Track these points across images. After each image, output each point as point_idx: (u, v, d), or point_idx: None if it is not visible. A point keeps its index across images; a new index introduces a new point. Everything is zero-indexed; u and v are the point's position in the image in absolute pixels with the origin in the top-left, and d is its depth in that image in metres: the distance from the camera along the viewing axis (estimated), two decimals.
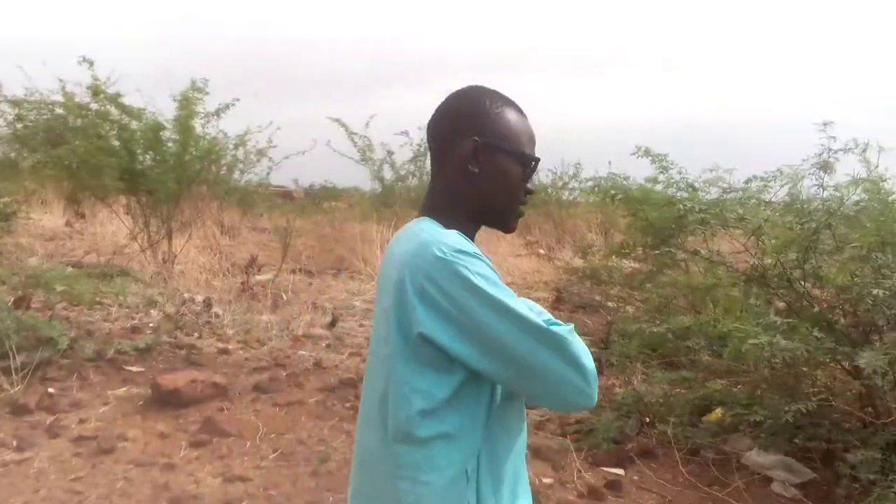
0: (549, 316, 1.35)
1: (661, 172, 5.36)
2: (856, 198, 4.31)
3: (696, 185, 5.45)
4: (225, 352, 6.57)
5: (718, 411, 4.71)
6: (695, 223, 4.43)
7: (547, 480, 4.07)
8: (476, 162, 1.38)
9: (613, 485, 4.01)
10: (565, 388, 1.25)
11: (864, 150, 4.17)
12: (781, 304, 4.44)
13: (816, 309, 4.01)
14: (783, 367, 4.26)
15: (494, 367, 1.25)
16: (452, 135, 1.41)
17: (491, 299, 1.22)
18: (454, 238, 1.28)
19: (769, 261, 4.21)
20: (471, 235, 1.39)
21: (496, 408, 1.31)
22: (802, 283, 4.11)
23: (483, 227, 1.47)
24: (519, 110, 1.45)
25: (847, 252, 3.78)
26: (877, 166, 4.17)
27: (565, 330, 1.25)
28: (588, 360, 1.25)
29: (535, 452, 4.35)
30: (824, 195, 4.16)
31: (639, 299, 6.45)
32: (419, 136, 13.98)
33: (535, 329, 1.23)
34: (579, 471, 4.16)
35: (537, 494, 3.87)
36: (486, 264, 1.27)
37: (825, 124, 4.18)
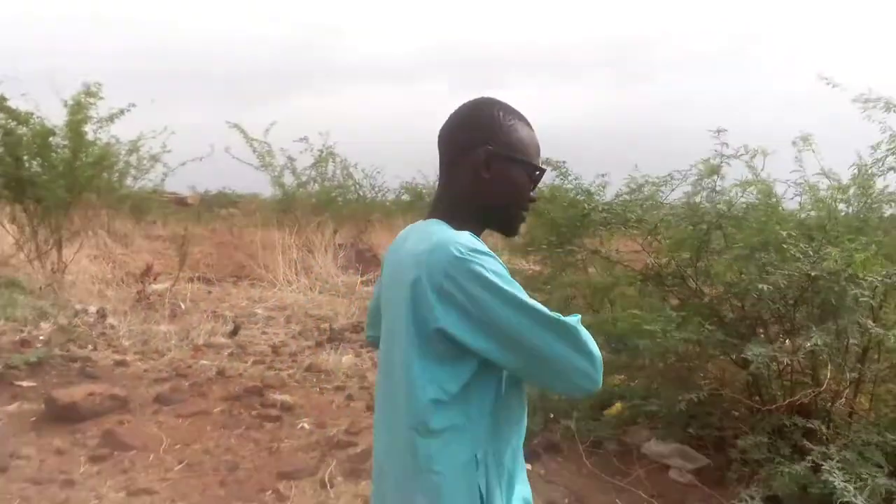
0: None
1: (561, 179, 5.55)
2: (745, 200, 4.58)
3: (591, 189, 5.69)
4: (122, 363, 6.35)
5: (618, 405, 4.91)
6: (597, 223, 4.62)
7: None
8: (488, 169, 1.49)
9: None
10: (576, 375, 1.34)
11: (753, 157, 4.44)
12: (676, 301, 4.67)
13: (707, 303, 4.25)
14: (677, 360, 4.49)
15: (511, 358, 1.34)
16: (467, 143, 1.51)
17: (506, 295, 1.31)
18: (468, 238, 1.37)
19: (664, 260, 4.43)
20: (479, 235, 1.49)
21: (501, 397, 1.42)
22: (694, 280, 4.35)
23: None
24: (527, 123, 1.56)
25: (735, 251, 4.03)
26: (762, 169, 4.44)
27: (574, 320, 1.35)
28: (594, 348, 1.35)
29: None
30: (716, 198, 4.41)
31: (540, 301, 6.61)
32: (320, 141, 13.90)
33: (548, 321, 1.32)
34: None
35: None
36: (499, 262, 1.35)
37: (718, 131, 4.44)
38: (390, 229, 13.61)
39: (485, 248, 1.36)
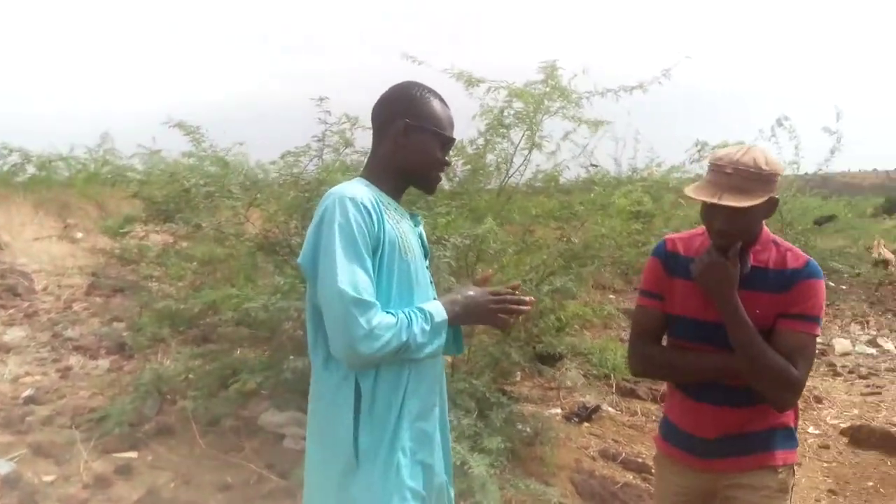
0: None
1: (195, 146, 5.24)
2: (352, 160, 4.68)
3: (228, 159, 5.47)
4: None
5: (242, 379, 4.80)
6: (200, 196, 4.41)
7: (48, 478, 3.74)
8: (405, 138, 1.83)
9: (123, 469, 3.85)
10: (336, 340, 1.64)
11: (354, 124, 4.54)
12: (293, 270, 4.66)
13: None
14: (293, 328, 4.49)
15: (319, 293, 1.68)
16: (390, 117, 1.86)
17: (331, 239, 1.64)
18: (351, 188, 1.74)
19: (274, 229, 4.39)
20: (399, 192, 1.92)
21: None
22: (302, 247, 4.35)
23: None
24: (441, 100, 1.90)
25: None
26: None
27: (364, 303, 1.61)
28: (363, 326, 1.59)
29: (37, 450, 4.00)
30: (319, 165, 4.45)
31: (173, 276, 6.27)
32: None
33: (337, 280, 1.60)
34: (86, 461, 3.91)
35: (35, 495, 3.55)
36: (361, 213, 1.67)
37: (321, 99, 4.47)
38: None
39: (361, 198, 1.69)
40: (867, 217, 18.04)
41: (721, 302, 1.99)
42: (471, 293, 1.85)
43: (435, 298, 1.87)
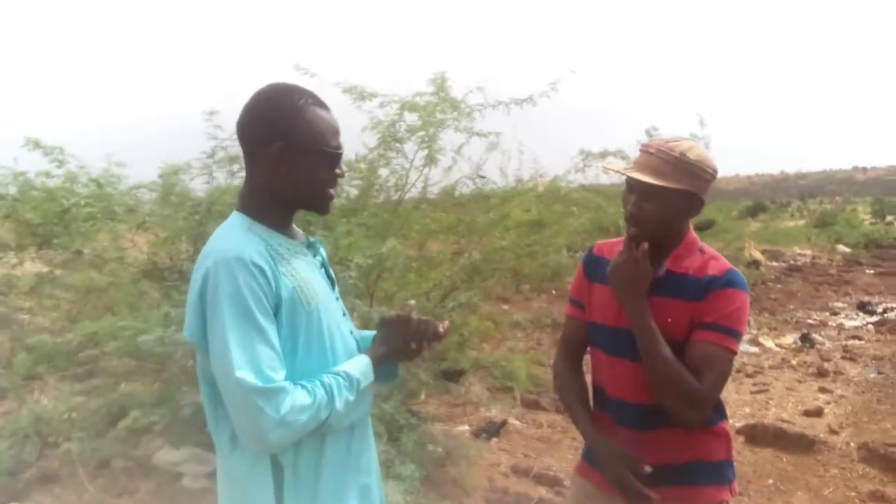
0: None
1: (57, 166, 4.87)
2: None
3: (102, 181, 5.12)
4: None
5: (133, 415, 4.49)
6: (81, 219, 4.09)
7: None
8: (284, 164, 1.52)
9: None
10: (241, 430, 1.42)
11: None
12: (182, 297, 4.40)
13: None
14: (191, 360, 4.23)
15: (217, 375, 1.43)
16: (259, 139, 1.53)
17: (221, 318, 1.39)
18: (234, 241, 1.47)
19: (162, 254, 4.13)
20: (288, 218, 1.62)
21: None
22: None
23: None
24: (321, 104, 1.57)
25: None
26: None
27: (269, 384, 1.38)
28: (273, 413, 1.37)
29: None
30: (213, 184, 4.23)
31: (47, 307, 5.84)
32: None
33: (231, 368, 1.37)
34: None
35: None
36: (252, 276, 1.41)
37: (211, 113, 4.27)
38: None
39: (251, 256, 1.42)
40: (733, 220, 19.10)
41: (626, 303, 1.87)
42: (399, 343, 1.69)
43: (360, 349, 1.69)
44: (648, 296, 1.87)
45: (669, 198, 1.82)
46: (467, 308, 4.77)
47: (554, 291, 11.30)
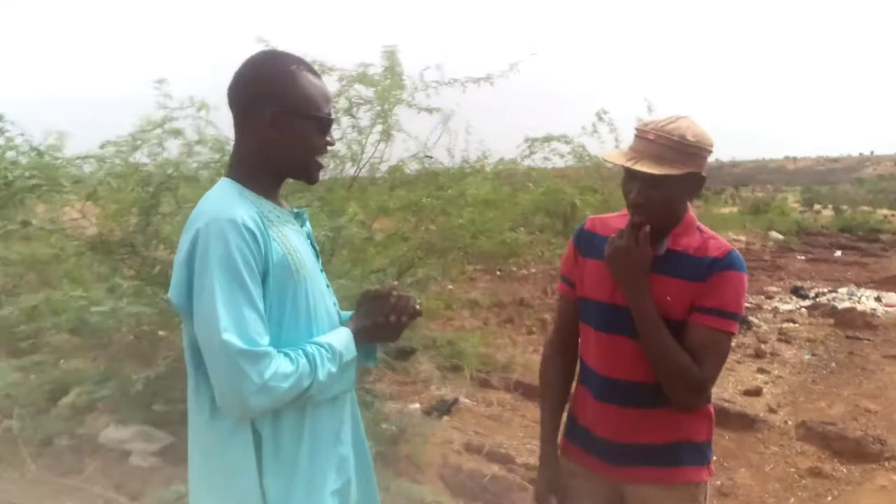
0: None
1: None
2: (197, 160, 4.35)
3: (42, 149, 4.91)
4: None
5: (75, 392, 4.35)
6: (25, 190, 3.92)
7: None
8: (276, 129, 1.51)
9: None
10: (220, 388, 1.39)
11: (200, 109, 4.21)
12: (131, 272, 4.27)
13: (160, 272, 3.93)
14: (137, 336, 4.13)
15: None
16: (251, 104, 1.52)
17: (207, 280, 1.37)
18: (227, 204, 1.44)
19: (112, 227, 4.00)
20: (276, 187, 1.60)
21: None
22: (146, 246, 3.99)
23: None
24: (312, 72, 1.56)
25: (184, 212, 3.78)
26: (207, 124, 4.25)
27: (253, 347, 1.36)
28: (256, 377, 1.35)
29: None
30: (163, 156, 4.10)
31: None
32: None
33: (216, 329, 1.35)
34: None
35: None
36: (243, 239, 1.39)
37: (159, 81, 4.13)
38: None
39: (243, 219, 1.40)
40: None
41: (627, 288, 1.84)
42: (380, 319, 1.66)
43: (342, 323, 1.67)
44: (647, 273, 1.85)
45: (674, 183, 1.79)
46: (423, 285, 4.76)
47: (498, 272, 11.40)
